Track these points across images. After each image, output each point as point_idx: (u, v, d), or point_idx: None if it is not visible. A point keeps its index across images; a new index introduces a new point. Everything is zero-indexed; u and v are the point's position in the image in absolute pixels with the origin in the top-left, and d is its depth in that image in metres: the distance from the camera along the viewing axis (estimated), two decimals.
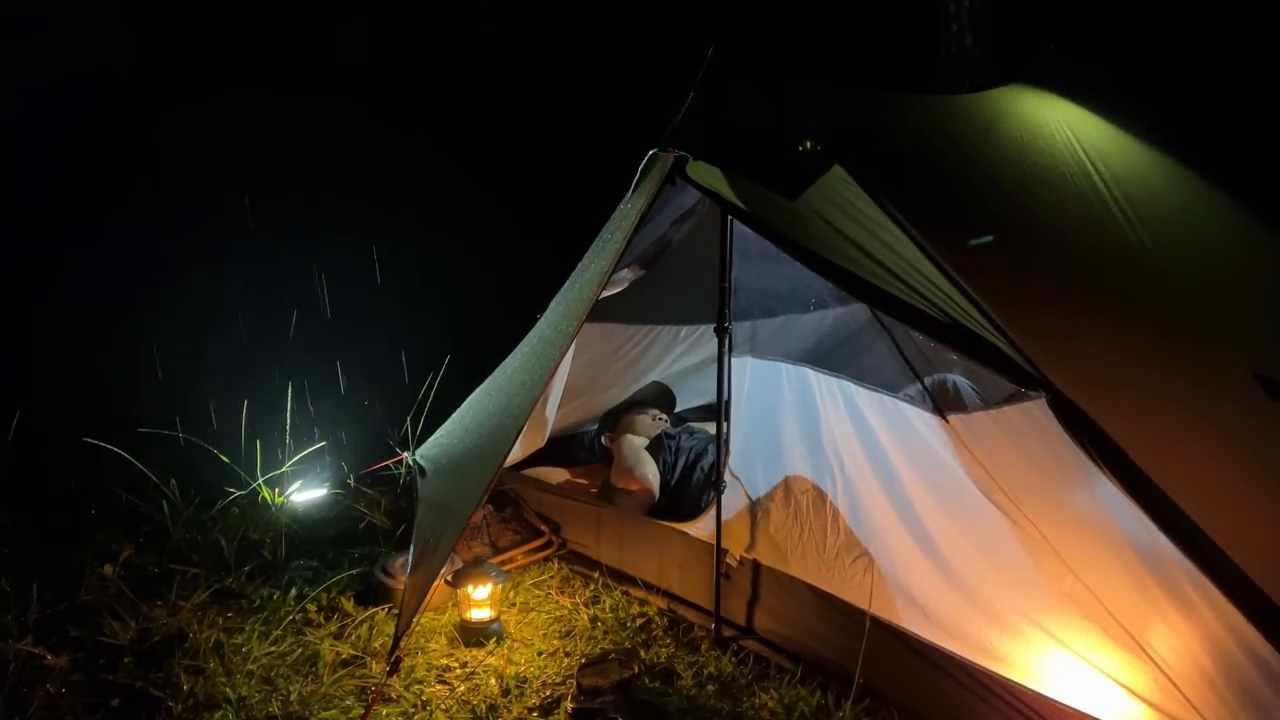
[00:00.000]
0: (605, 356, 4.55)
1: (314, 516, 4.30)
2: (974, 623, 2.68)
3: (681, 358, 4.78)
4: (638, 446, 4.13)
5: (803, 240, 2.65)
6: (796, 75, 2.99)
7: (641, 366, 4.74)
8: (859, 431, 2.98)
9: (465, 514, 2.97)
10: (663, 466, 4.04)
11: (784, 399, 3.21)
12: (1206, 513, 2.07)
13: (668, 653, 3.19)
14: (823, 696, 2.88)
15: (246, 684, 3.00)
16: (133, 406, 5.02)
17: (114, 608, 3.37)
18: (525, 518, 4.12)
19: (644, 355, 4.69)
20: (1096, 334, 2.59)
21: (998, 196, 2.97)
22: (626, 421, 4.33)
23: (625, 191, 3.11)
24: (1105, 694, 2.41)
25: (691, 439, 4.16)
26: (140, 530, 4.04)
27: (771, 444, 3.24)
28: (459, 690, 3.02)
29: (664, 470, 4.03)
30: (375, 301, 7.33)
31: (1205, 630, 2.21)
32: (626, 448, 4.13)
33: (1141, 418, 2.33)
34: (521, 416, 3.00)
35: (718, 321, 3.10)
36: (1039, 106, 3.40)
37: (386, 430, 4.98)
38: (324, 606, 3.49)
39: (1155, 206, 3.22)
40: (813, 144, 2.80)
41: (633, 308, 4.22)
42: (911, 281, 2.48)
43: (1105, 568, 2.43)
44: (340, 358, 6.40)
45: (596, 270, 3.10)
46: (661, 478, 4.00)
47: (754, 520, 3.25)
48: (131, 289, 6.58)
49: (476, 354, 4.12)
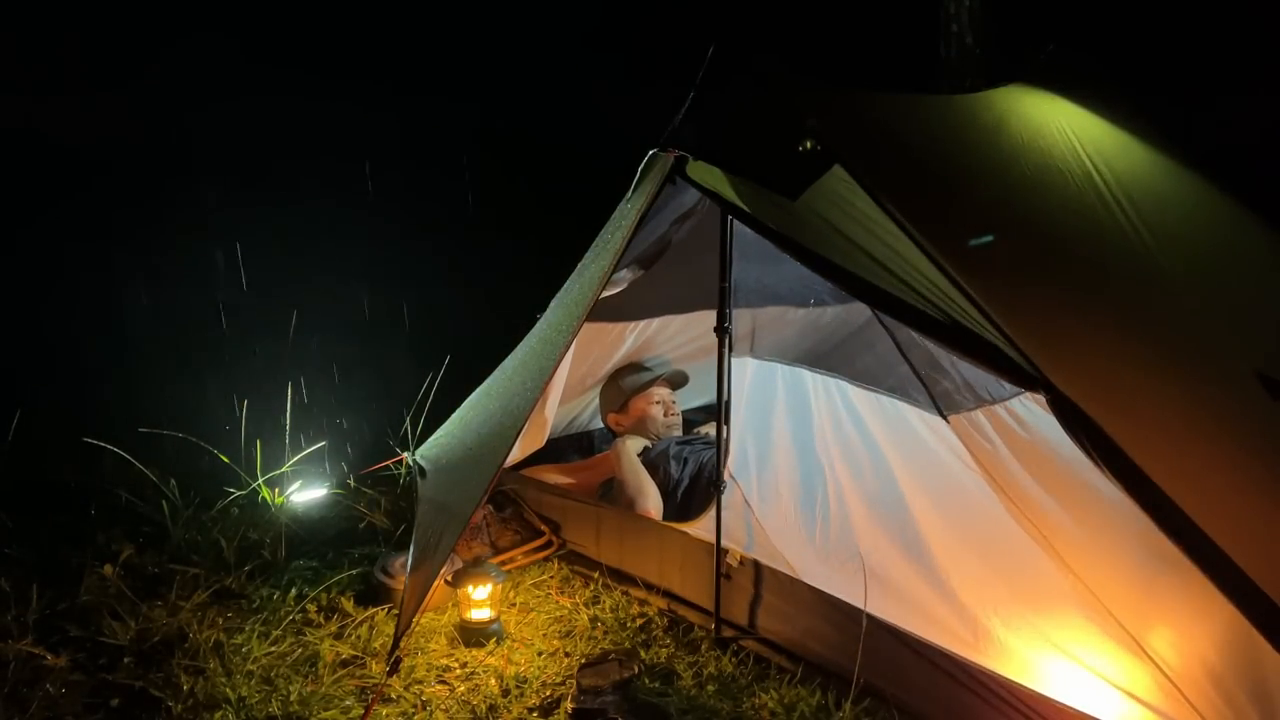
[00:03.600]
0: (606, 356, 4.55)
1: (314, 516, 4.30)
2: (973, 622, 2.68)
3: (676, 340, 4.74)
4: (638, 470, 3.93)
5: (803, 240, 2.65)
6: (797, 75, 2.99)
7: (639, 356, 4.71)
8: (855, 432, 2.99)
9: (465, 514, 2.97)
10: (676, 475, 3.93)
11: (778, 400, 3.21)
12: (1207, 512, 2.07)
13: (668, 653, 3.19)
14: (823, 696, 2.87)
15: (246, 684, 3.00)
16: (133, 406, 5.02)
17: (114, 608, 3.37)
18: (525, 518, 4.12)
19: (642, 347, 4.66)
20: (1097, 334, 2.59)
21: (998, 196, 2.97)
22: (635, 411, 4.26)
23: (626, 191, 3.11)
24: (1106, 693, 2.41)
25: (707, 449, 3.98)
26: (140, 530, 4.04)
27: (765, 446, 3.25)
28: (459, 690, 3.02)
29: (676, 478, 3.93)
30: (375, 301, 7.34)
31: (1205, 631, 2.21)
32: (627, 470, 3.93)
33: (1142, 417, 2.33)
34: (521, 417, 3.00)
35: (718, 322, 3.10)
36: (1039, 106, 3.40)
37: (386, 430, 4.99)
38: (324, 606, 3.48)
39: (1156, 206, 3.22)
40: (813, 144, 2.78)
41: (632, 305, 4.20)
42: (911, 281, 2.48)
43: (1105, 567, 2.43)
44: (340, 358, 6.40)
45: (596, 270, 3.10)
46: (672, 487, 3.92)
47: (751, 521, 3.25)
48: (131, 289, 6.59)
49: (476, 354, 4.12)
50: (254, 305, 6.79)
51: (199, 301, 6.79)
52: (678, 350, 4.74)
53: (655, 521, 3.66)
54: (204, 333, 6.50)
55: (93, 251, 6.71)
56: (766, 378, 3.25)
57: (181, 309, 6.63)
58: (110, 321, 6.42)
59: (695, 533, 3.42)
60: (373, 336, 6.71)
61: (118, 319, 6.45)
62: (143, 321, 6.41)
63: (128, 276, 6.69)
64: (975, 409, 2.68)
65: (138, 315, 6.46)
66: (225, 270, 7.09)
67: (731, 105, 2.95)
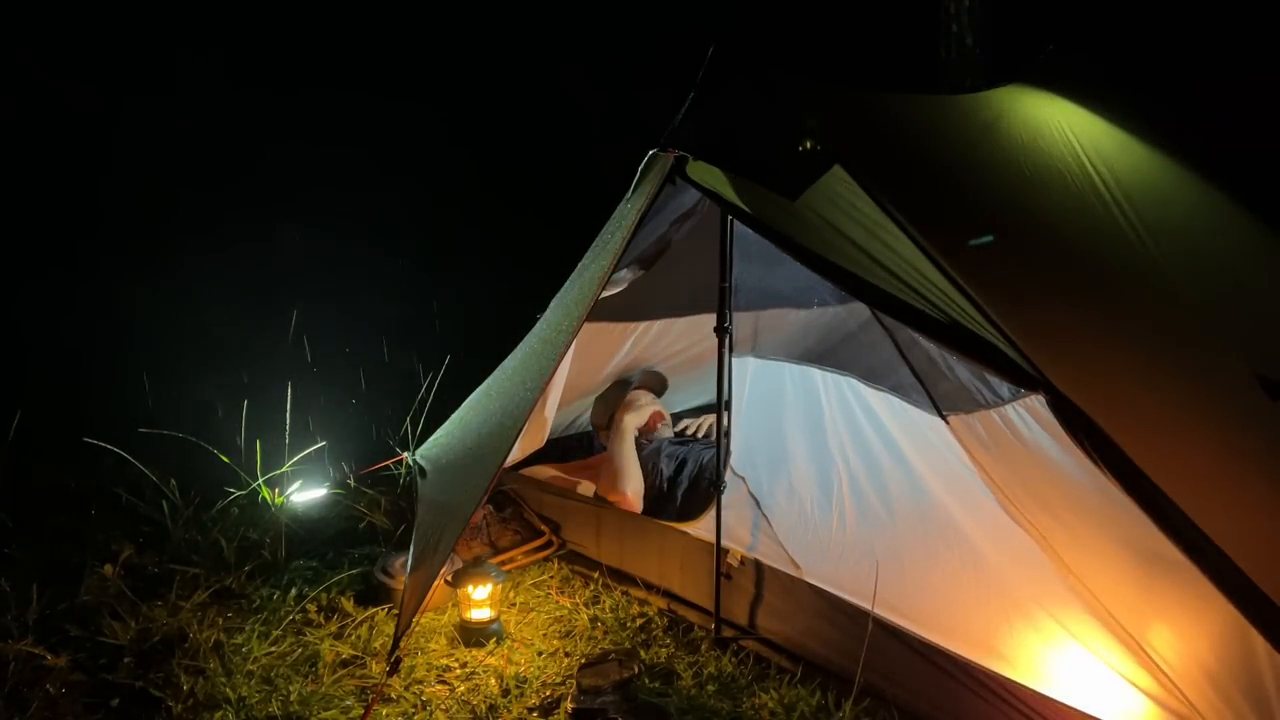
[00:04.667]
0: (606, 355, 4.55)
1: (314, 516, 4.30)
2: (978, 621, 2.67)
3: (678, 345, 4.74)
4: (628, 451, 3.99)
5: (803, 240, 2.65)
6: (797, 74, 3.00)
7: (641, 360, 4.72)
8: (864, 430, 2.98)
9: (465, 514, 2.97)
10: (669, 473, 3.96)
11: (787, 398, 3.21)
12: (1206, 513, 2.07)
13: (668, 653, 3.19)
14: (823, 697, 2.87)
15: (246, 684, 3.00)
16: (133, 406, 5.02)
17: (114, 608, 3.37)
18: (525, 518, 4.12)
19: (644, 349, 4.67)
20: (1096, 334, 2.59)
21: (998, 197, 2.97)
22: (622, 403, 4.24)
23: (626, 190, 3.11)
24: (1106, 693, 2.41)
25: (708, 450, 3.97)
26: (140, 530, 4.04)
27: (775, 443, 3.24)
28: (459, 690, 3.02)
29: (669, 476, 3.95)
30: (375, 301, 7.34)
31: (1205, 631, 2.22)
32: (619, 446, 4.00)
33: (1141, 418, 2.33)
34: (521, 416, 3.00)
35: (718, 322, 3.10)
36: (1039, 106, 3.40)
37: (386, 430, 4.99)
38: (324, 606, 3.48)
39: (1155, 206, 3.22)
40: (813, 144, 2.78)
41: (632, 306, 4.20)
42: (911, 282, 2.48)
43: (1105, 568, 2.43)
44: (340, 357, 6.41)
45: (596, 270, 3.10)
46: (665, 485, 3.93)
47: (756, 520, 3.25)
48: (131, 289, 6.59)
49: (476, 354, 4.13)
50: (254, 304, 6.80)
51: (198, 300, 6.79)
52: (679, 353, 4.75)
53: (655, 521, 3.65)
54: (204, 333, 6.50)
55: (92, 251, 6.71)
56: (773, 376, 3.24)
57: (181, 309, 6.63)
58: (110, 322, 6.42)
59: (695, 533, 3.42)
60: (373, 336, 6.71)
61: (117, 319, 6.45)
62: (142, 321, 6.41)
63: (126, 276, 6.69)
64: (974, 411, 2.68)
65: (137, 315, 6.46)
66: (224, 270, 7.09)
67: (731, 105, 2.95)
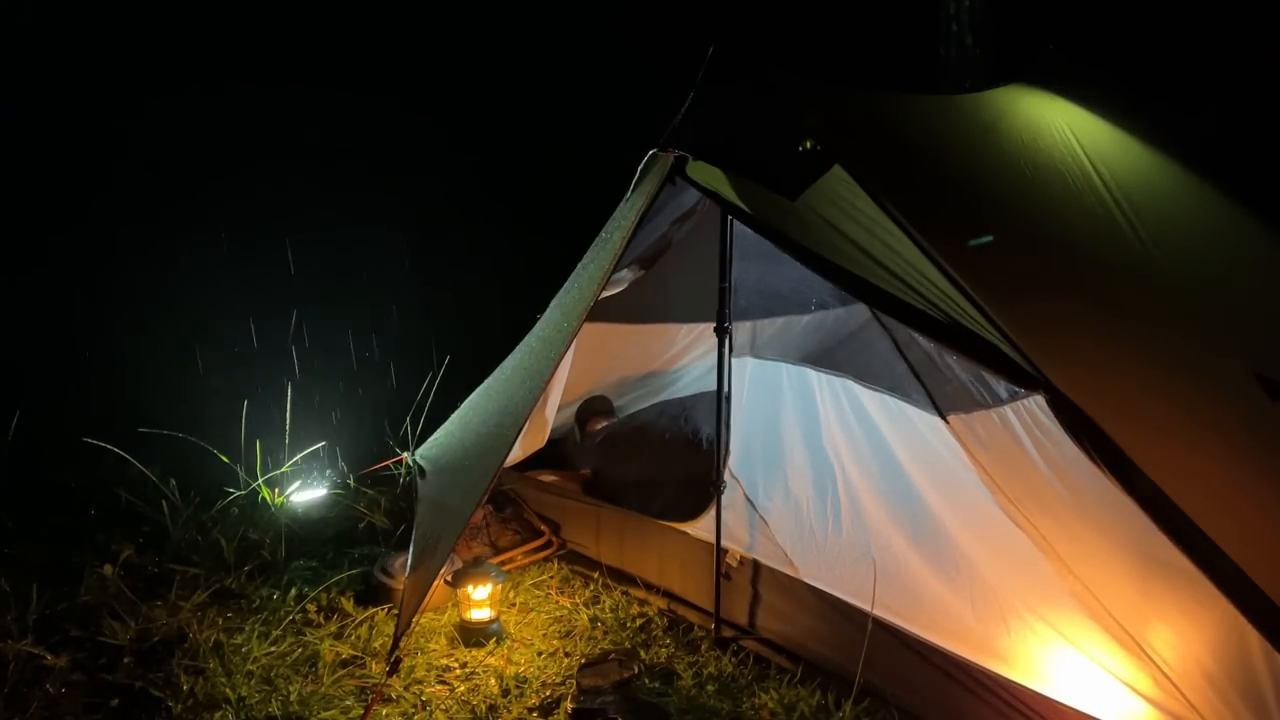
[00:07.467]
0: (606, 356, 4.55)
1: (314, 516, 4.30)
2: (975, 622, 2.68)
3: (681, 355, 4.77)
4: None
5: (803, 240, 2.65)
6: (797, 74, 2.99)
7: (641, 364, 4.73)
8: (860, 430, 2.98)
9: (465, 514, 2.97)
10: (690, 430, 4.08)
11: (784, 399, 3.20)
12: (1206, 513, 2.07)
13: (668, 653, 3.19)
14: (823, 696, 2.87)
15: (246, 684, 3.00)
16: (133, 406, 5.02)
17: (114, 608, 3.37)
18: (525, 518, 4.12)
19: (645, 353, 4.68)
20: (1096, 334, 2.58)
21: (998, 197, 2.97)
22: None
23: (626, 190, 3.11)
24: (1105, 693, 2.41)
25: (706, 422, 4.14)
26: (140, 530, 4.04)
27: (772, 444, 3.24)
28: (459, 690, 3.02)
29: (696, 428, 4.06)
30: (375, 301, 7.33)
31: (1205, 631, 2.21)
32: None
33: (1141, 417, 2.33)
34: (521, 417, 3.00)
35: (718, 322, 3.10)
36: (1039, 106, 3.40)
37: (386, 430, 4.99)
38: (324, 606, 3.48)
39: (1155, 206, 3.22)
40: (813, 144, 2.78)
41: (633, 307, 4.21)
42: (911, 282, 2.48)
43: (1105, 568, 2.43)
44: (340, 357, 6.40)
45: (596, 270, 3.10)
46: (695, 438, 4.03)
47: (754, 521, 3.25)
48: (130, 288, 6.59)
49: (476, 354, 4.12)
50: (253, 304, 6.79)
51: (198, 300, 6.78)
52: (682, 355, 4.76)
53: (655, 522, 3.65)
54: (203, 333, 6.49)
55: (91, 251, 6.70)
56: (771, 377, 3.24)
57: (181, 308, 6.62)
58: (109, 321, 6.41)
59: (695, 533, 3.42)
60: (373, 336, 6.71)
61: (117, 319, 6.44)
62: (141, 321, 6.40)
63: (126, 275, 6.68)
64: (973, 411, 2.67)
65: (137, 315, 6.45)
66: (224, 270, 7.09)
67: (731, 105, 2.95)
